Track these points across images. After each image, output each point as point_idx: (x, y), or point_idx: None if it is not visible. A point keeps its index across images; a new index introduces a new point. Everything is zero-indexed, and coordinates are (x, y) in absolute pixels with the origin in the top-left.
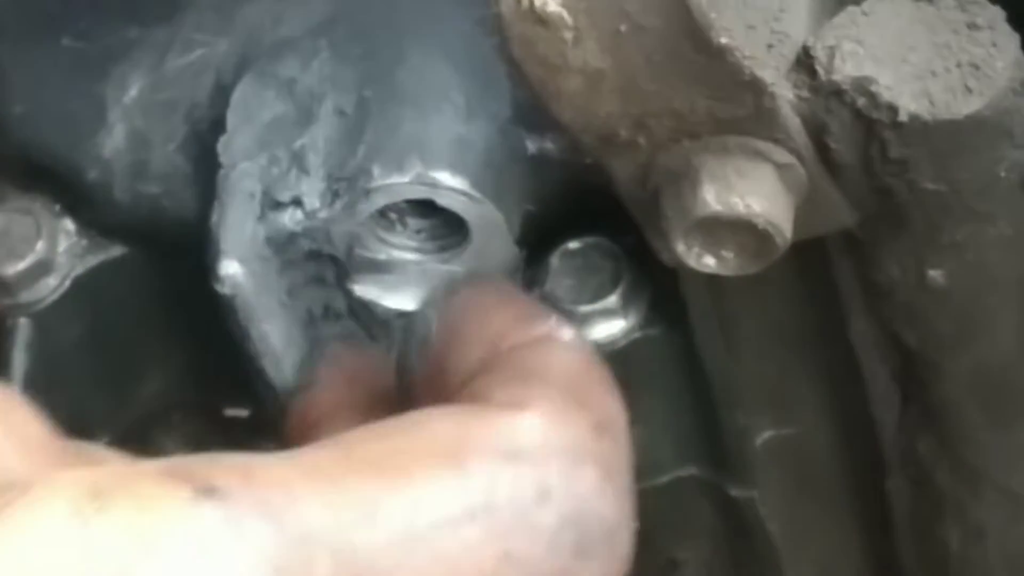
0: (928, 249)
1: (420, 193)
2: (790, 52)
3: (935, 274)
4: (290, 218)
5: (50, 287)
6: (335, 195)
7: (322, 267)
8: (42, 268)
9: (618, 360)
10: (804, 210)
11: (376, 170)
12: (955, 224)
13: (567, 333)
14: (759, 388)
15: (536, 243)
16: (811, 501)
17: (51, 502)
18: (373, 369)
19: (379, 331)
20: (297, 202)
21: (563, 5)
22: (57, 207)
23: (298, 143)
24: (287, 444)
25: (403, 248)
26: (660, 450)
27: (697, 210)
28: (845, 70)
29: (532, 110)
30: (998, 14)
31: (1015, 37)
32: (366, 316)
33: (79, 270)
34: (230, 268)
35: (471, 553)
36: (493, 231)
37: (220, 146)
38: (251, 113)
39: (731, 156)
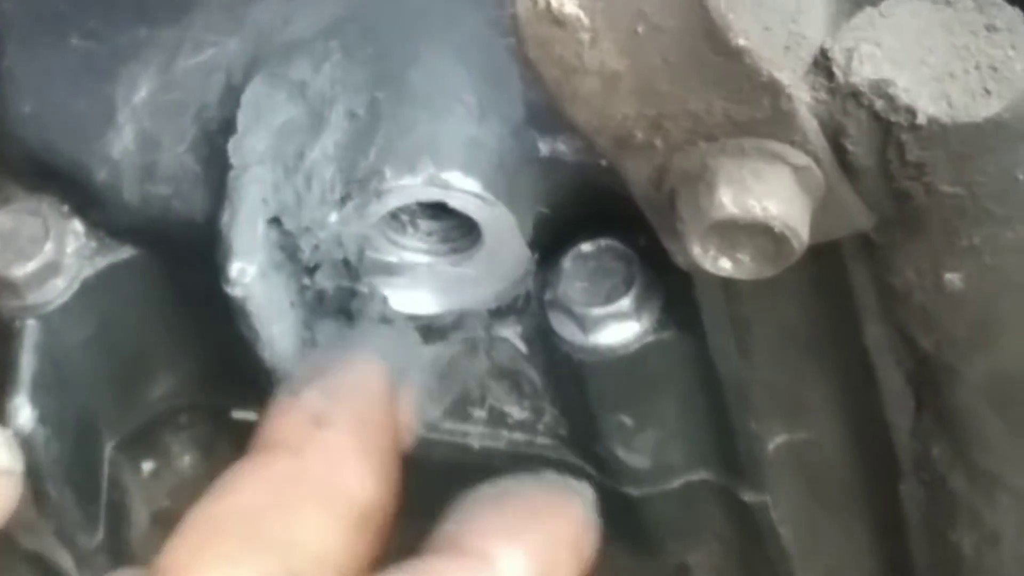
0: (945, 252)
1: (432, 195)
2: (807, 54)
3: (952, 277)
4: (300, 222)
5: (58, 289)
6: (346, 197)
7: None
8: (50, 270)
9: (631, 363)
10: (820, 213)
11: (388, 172)
12: (972, 227)
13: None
14: (772, 392)
15: (548, 245)
16: (824, 506)
17: None
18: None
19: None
20: (308, 209)
21: (580, 6)
22: (65, 208)
23: (309, 149)
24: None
25: (414, 250)
26: (672, 454)
27: (713, 213)
28: (863, 72)
29: (545, 112)
30: (1017, 16)
31: None
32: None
33: (88, 272)
34: (241, 269)
35: None
36: (505, 233)
37: (230, 147)
38: (262, 115)
39: (748, 158)
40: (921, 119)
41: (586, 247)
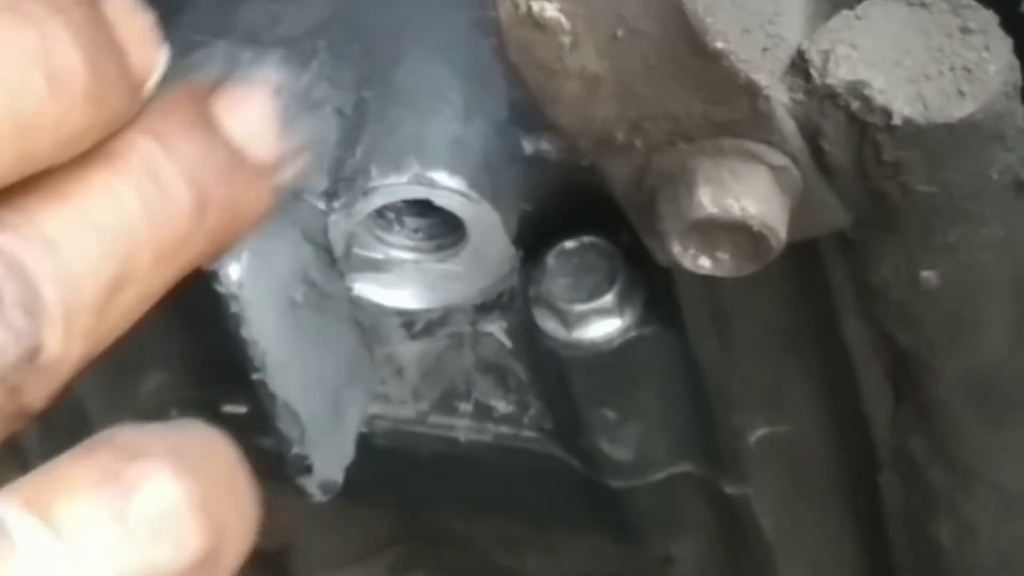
0: (921, 250)
1: (418, 193)
2: (785, 55)
3: (928, 275)
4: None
5: None
6: (333, 195)
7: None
8: None
9: (613, 358)
10: (798, 212)
11: (374, 170)
12: (948, 226)
13: None
14: (753, 386)
15: (533, 242)
16: (805, 498)
17: None
18: None
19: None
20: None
21: (561, 10)
22: None
23: None
24: None
25: (401, 247)
26: (655, 447)
27: (693, 212)
28: (839, 74)
29: (528, 111)
30: (991, 18)
31: (1008, 41)
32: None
33: None
34: (230, 266)
35: None
36: (490, 230)
37: None
38: None
39: (726, 158)
40: (897, 120)
41: (570, 244)
